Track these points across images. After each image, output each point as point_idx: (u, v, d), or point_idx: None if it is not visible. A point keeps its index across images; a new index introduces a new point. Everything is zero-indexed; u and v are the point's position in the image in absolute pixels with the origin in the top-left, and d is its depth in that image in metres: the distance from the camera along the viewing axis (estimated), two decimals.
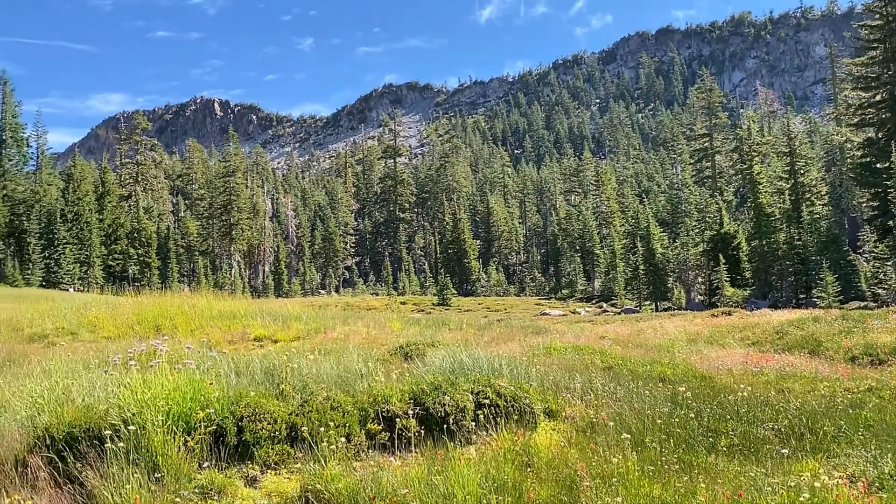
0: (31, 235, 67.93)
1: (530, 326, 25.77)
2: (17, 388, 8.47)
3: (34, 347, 17.09)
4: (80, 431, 6.30)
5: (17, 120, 78.40)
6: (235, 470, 6.18)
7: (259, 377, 7.70)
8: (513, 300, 71.35)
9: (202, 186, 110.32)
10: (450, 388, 7.89)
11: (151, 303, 21.45)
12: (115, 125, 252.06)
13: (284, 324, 20.05)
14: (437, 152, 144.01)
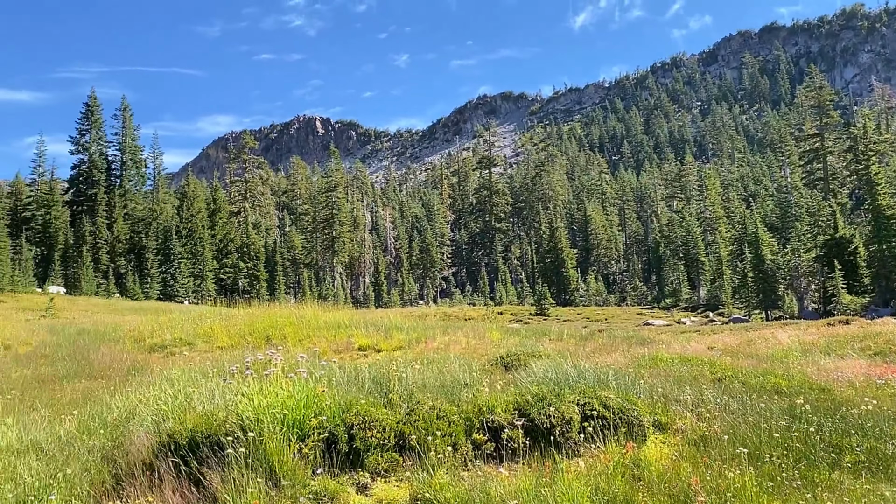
0: (150, 251, 72.29)
1: (633, 337, 25.12)
2: (142, 396, 9.02)
3: (155, 357, 18.10)
4: (201, 437, 6.62)
5: (136, 143, 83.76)
6: (347, 477, 6.33)
7: (368, 386, 7.87)
8: (613, 310, 69.84)
9: (306, 202, 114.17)
10: (555, 399, 7.81)
11: (262, 314, 22.30)
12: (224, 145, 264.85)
13: (386, 334, 20.39)
14: (533, 161, 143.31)
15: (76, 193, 79.81)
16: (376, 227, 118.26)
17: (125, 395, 10.13)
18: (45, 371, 15.69)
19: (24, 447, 7.59)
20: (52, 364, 16.74)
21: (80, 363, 16.59)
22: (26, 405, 11.28)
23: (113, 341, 20.78)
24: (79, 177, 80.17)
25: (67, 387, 13.44)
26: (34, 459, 6.99)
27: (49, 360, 17.38)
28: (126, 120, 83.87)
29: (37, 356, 18.48)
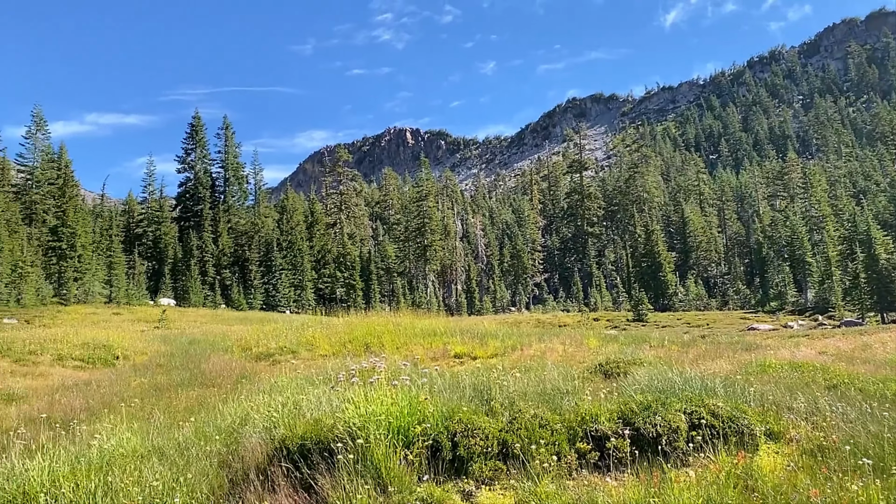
0: (253, 263, 75.23)
1: (738, 342, 24.17)
2: (253, 403, 9.39)
3: (262, 365, 18.81)
4: (311, 443, 6.84)
5: (238, 160, 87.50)
6: (452, 484, 6.39)
7: (468, 394, 7.92)
8: (715, 314, 67.44)
9: (398, 211, 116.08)
10: (660, 407, 7.63)
11: (360, 322, 22.81)
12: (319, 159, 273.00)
13: (482, 341, 20.42)
14: (625, 163, 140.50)
15: (183, 210, 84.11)
16: (467, 235, 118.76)
17: (237, 402, 10.58)
18: (161, 380, 16.59)
19: (148, 452, 8.02)
20: (167, 373, 17.68)
21: (193, 372, 17.44)
22: (146, 412, 11.94)
23: (222, 351, 21.74)
24: (185, 194, 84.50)
25: (182, 394, 14.16)
26: (157, 463, 7.39)
27: (164, 370, 18.37)
28: (228, 138, 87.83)
29: (153, 365, 19.56)
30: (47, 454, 7.97)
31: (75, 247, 59.38)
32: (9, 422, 12.05)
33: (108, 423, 9.49)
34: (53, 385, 16.62)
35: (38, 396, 14.97)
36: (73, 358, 21.09)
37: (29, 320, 41.64)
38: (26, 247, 54.12)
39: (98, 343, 23.07)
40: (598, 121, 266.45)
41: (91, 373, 19.03)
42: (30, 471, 7.45)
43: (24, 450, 8.75)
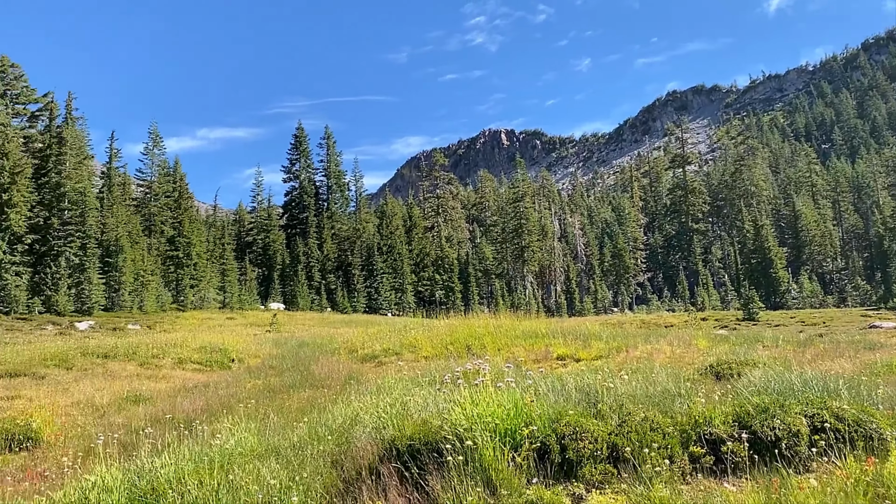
0: (355, 267, 77.14)
1: (860, 341, 22.76)
2: (362, 404, 9.62)
3: (367, 366, 19.25)
4: (419, 444, 6.93)
5: (339, 168, 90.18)
6: (561, 487, 6.33)
7: (575, 396, 7.82)
8: (832, 312, 63.68)
9: (494, 213, 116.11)
10: (778, 410, 7.28)
11: (461, 324, 22.95)
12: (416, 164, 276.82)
13: (585, 342, 20.13)
14: (731, 156, 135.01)
15: (289, 217, 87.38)
16: (565, 235, 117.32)
17: (346, 403, 10.88)
18: (273, 381, 17.26)
19: (265, 451, 8.37)
20: (279, 375, 18.37)
21: (303, 374, 18.06)
22: (261, 413, 12.45)
23: (329, 353, 22.40)
24: (291, 202, 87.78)
25: (294, 395, 14.68)
26: (274, 462, 7.69)
27: (276, 372, 19.10)
28: (330, 147, 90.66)
29: (266, 368, 20.38)
30: (173, 453, 8.47)
31: (191, 255, 62.72)
32: (137, 421, 12.85)
33: (227, 424, 9.97)
34: (175, 387, 17.60)
35: (162, 398, 15.88)
36: (192, 361, 22.26)
37: (150, 326, 44.28)
38: (146, 256, 57.60)
39: (214, 347, 24.26)
40: (700, 113, 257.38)
41: (209, 375, 20.02)
42: (158, 468, 7.93)
43: (152, 448, 9.33)
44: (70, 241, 52.21)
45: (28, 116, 65.16)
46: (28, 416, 13.52)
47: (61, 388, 17.27)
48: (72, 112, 60.00)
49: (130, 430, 11.89)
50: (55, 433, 13.13)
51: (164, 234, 65.92)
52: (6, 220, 49.58)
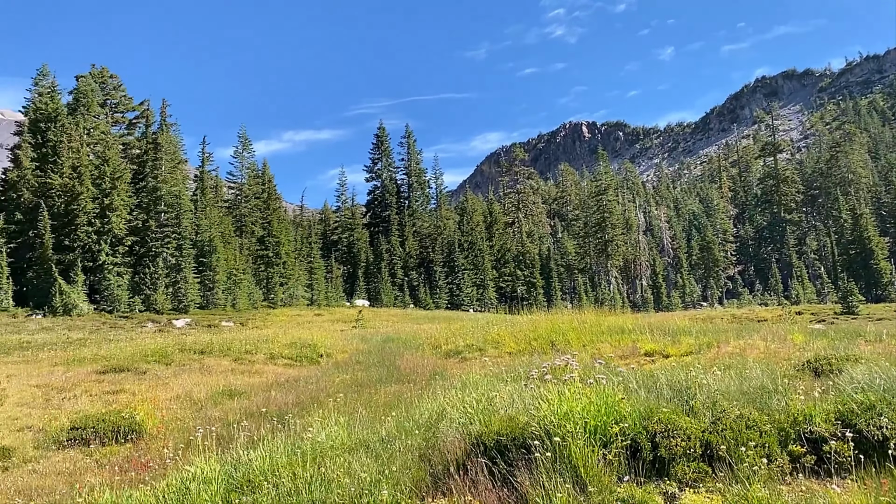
0: (437, 264, 77.72)
1: None
2: (448, 400, 9.68)
3: (451, 362, 19.36)
4: (507, 440, 6.91)
5: (420, 166, 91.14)
6: (653, 486, 6.19)
7: (666, 393, 7.63)
8: None
9: (576, 207, 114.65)
10: (885, 407, 6.89)
11: (544, 320, 22.77)
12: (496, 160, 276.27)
13: (673, 338, 19.60)
14: (825, 142, 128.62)
15: (372, 216, 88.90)
16: (650, 228, 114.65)
17: (431, 398, 10.97)
18: (360, 376, 17.60)
19: (354, 445, 8.53)
20: (365, 370, 18.72)
21: (389, 369, 18.34)
22: (349, 407, 12.71)
23: (414, 348, 22.65)
24: (373, 201, 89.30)
25: (381, 390, 14.92)
26: (364, 456, 7.83)
27: (363, 367, 19.46)
28: (410, 146, 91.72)
29: (352, 363, 20.80)
30: (267, 446, 8.75)
31: (280, 254, 64.69)
32: (232, 415, 13.35)
33: (318, 417, 10.23)
34: (267, 381, 18.19)
35: (255, 392, 16.44)
36: (282, 356, 22.95)
37: (243, 323, 45.92)
38: (238, 256, 59.75)
39: (304, 343, 24.94)
40: (791, 99, 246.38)
41: (299, 370, 20.60)
42: (253, 461, 8.21)
43: (248, 441, 9.67)
44: (167, 242, 54.71)
45: (126, 124, 68.73)
46: (132, 410, 14.26)
47: (161, 383, 18.13)
48: (166, 119, 62.83)
49: (226, 423, 12.35)
50: (157, 426, 13.78)
51: (254, 235, 68.23)
52: (108, 223, 52.43)
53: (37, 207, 51.47)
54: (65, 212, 52.28)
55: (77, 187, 52.44)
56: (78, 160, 54.05)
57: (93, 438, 13.12)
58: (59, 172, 53.65)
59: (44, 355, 23.48)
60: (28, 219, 52.31)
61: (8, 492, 10.22)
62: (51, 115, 58.02)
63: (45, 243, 49.18)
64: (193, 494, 7.54)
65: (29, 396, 16.77)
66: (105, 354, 22.65)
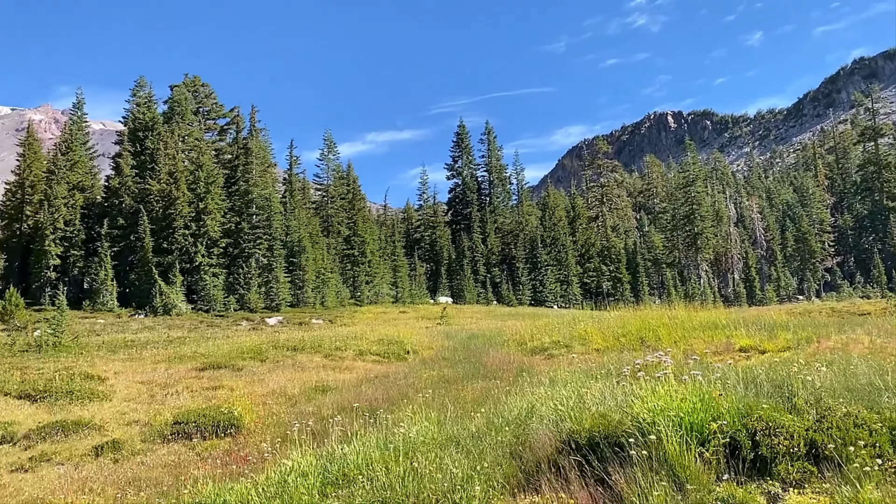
0: (519, 260, 77.41)
1: None
2: (538, 396, 9.64)
3: (537, 359, 19.25)
4: (599, 437, 6.83)
5: (500, 163, 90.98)
6: (754, 485, 5.99)
7: (765, 389, 7.37)
8: None
9: (663, 199, 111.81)
10: None
11: (632, 316, 22.34)
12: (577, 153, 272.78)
13: (770, 333, 18.86)
14: None
15: (454, 213, 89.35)
16: (742, 219, 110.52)
17: (520, 394, 10.95)
18: (447, 372, 17.74)
19: (445, 440, 8.61)
20: (452, 366, 18.85)
21: (475, 365, 18.40)
22: (437, 403, 12.83)
23: (499, 345, 22.65)
24: (455, 198, 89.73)
25: (468, 386, 14.99)
26: (455, 452, 7.89)
27: (449, 363, 19.60)
28: (490, 143, 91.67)
29: (439, 359, 20.98)
30: (360, 440, 8.95)
31: (365, 253, 65.91)
32: (325, 410, 13.71)
33: (409, 413, 10.38)
34: (357, 377, 18.58)
35: (346, 387, 16.82)
36: (371, 353, 23.41)
37: (332, 320, 47.04)
38: (326, 255, 61.23)
39: (391, 339, 25.35)
40: (893, 80, 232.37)
41: (387, 366, 20.95)
42: (347, 455, 8.41)
43: (342, 435, 9.91)
44: (258, 243, 56.63)
45: (218, 131, 71.54)
46: (230, 405, 14.85)
47: (257, 379, 18.80)
48: (255, 124, 65.02)
49: (320, 418, 12.69)
50: (254, 420, 14.31)
51: (340, 234, 69.79)
52: (203, 226, 54.70)
53: (137, 212, 54.27)
54: (163, 216, 54.89)
55: (174, 192, 54.96)
56: (174, 166, 56.63)
57: (195, 432, 13.74)
58: (157, 178, 56.36)
59: (147, 353, 24.75)
60: (129, 223, 55.21)
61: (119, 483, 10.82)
62: (148, 124, 61.02)
63: (146, 246, 51.79)
64: (291, 487, 7.78)
65: (135, 392, 17.71)
66: (203, 352, 23.68)
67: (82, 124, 63.66)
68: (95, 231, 54.76)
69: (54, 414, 15.46)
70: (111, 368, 20.53)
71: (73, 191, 56.19)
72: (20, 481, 11.15)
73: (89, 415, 15.25)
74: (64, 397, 16.64)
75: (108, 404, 16.36)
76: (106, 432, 14.17)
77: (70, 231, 54.14)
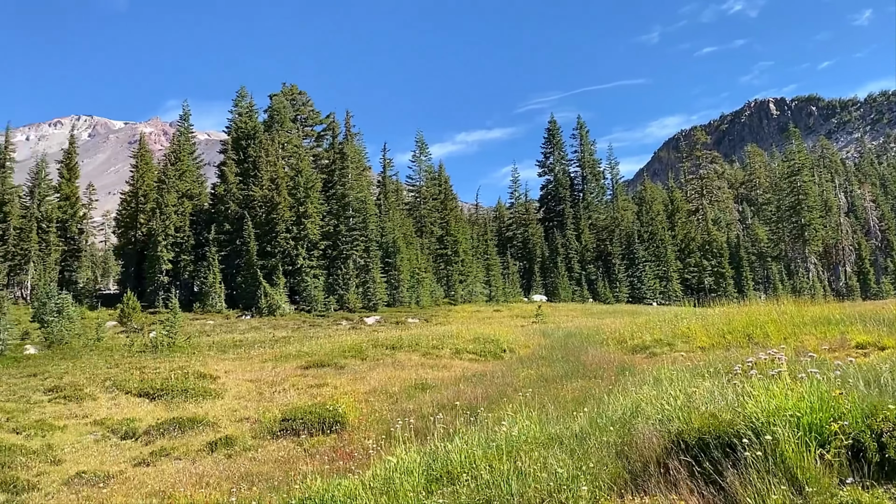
0: (615, 257, 75.93)
1: None
2: (642, 395, 9.44)
3: (638, 357, 18.83)
4: (710, 438, 6.62)
5: (593, 157, 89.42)
6: (881, 490, 5.65)
7: (891, 388, 6.94)
8: None
9: (766, 190, 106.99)
10: None
11: (737, 312, 21.54)
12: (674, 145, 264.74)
13: (889, 328, 17.75)
14: None
15: (546, 210, 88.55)
16: (853, 209, 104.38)
17: (622, 394, 10.75)
18: (545, 371, 17.62)
19: (547, 440, 8.56)
20: (549, 365, 18.71)
21: (573, 364, 18.19)
22: (536, 402, 12.77)
23: (597, 343, 22.29)
24: (547, 195, 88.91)
25: (567, 385, 14.85)
26: (558, 451, 7.83)
27: (546, 362, 19.46)
28: (583, 138, 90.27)
29: (536, 358, 20.87)
30: (462, 438, 9.01)
31: (458, 252, 66.33)
32: (426, 408, 13.89)
33: (509, 411, 10.38)
34: (455, 376, 18.72)
35: (445, 385, 16.98)
36: (467, 351, 23.54)
37: (427, 319, 47.59)
38: (420, 255, 62.01)
39: (487, 338, 25.41)
40: None
41: (484, 365, 21.02)
42: (450, 452, 8.49)
43: (444, 433, 10.01)
44: (356, 245, 57.99)
45: (315, 137, 73.74)
46: (334, 402, 15.27)
47: (358, 377, 19.26)
48: (350, 129, 66.58)
49: (420, 416, 12.87)
50: (357, 418, 14.66)
51: (433, 234, 70.52)
52: (303, 229, 56.52)
53: (242, 218, 56.65)
54: (266, 220, 57.08)
55: (275, 198, 57.04)
56: (275, 172, 58.79)
57: (302, 429, 14.21)
58: (260, 185, 58.65)
59: (254, 353, 25.80)
60: (235, 228, 57.72)
61: (233, 477, 11.32)
62: (250, 133, 63.61)
63: (251, 250, 54.00)
64: (397, 484, 7.92)
65: (244, 390, 18.50)
66: (307, 351, 24.47)
67: (189, 135, 67.00)
68: (203, 236, 57.53)
69: (171, 411, 16.35)
70: (222, 367, 21.52)
71: (182, 198, 59.25)
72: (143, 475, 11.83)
73: (203, 412, 16.03)
74: (179, 395, 17.58)
75: (220, 402, 17.16)
76: (219, 429, 14.85)
77: (180, 237, 57.13)
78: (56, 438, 14.02)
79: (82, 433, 14.63)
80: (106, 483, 11.08)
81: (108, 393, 18.20)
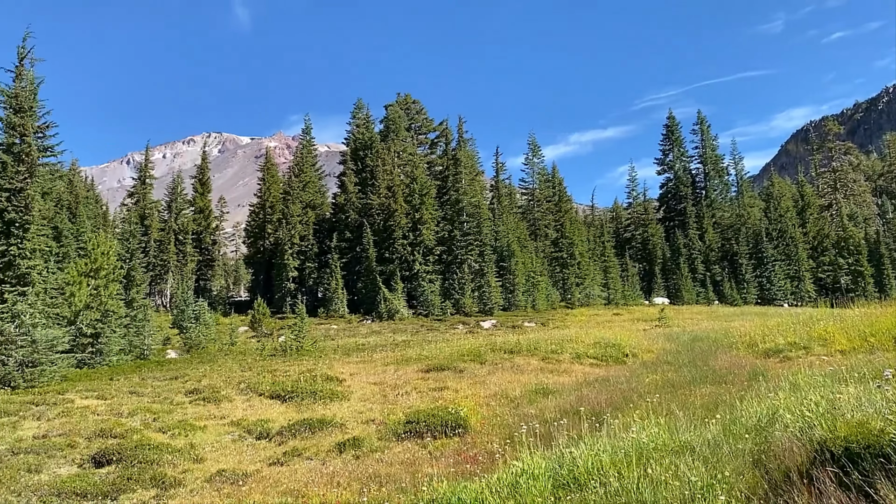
0: (742, 256, 72.55)
1: None
2: (779, 401, 8.97)
3: (771, 362, 17.90)
4: (859, 448, 6.22)
5: (716, 153, 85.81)
6: None
7: None
8: None
9: None
10: None
11: (882, 313, 20.06)
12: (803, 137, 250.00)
13: None
14: None
15: (666, 210, 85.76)
16: None
17: (756, 400, 10.26)
18: (671, 376, 17.06)
19: (678, 447, 8.29)
20: (675, 370, 18.10)
21: (701, 369, 17.52)
22: (663, 407, 12.39)
23: (726, 347, 21.37)
24: (666, 194, 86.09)
25: (696, 391, 14.31)
26: (690, 459, 7.57)
27: (672, 367, 18.84)
28: (704, 133, 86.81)
29: (660, 362, 20.25)
30: (587, 444, 8.88)
31: (574, 255, 65.45)
32: (548, 413, 13.78)
33: (636, 417, 10.13)
34: (576, 380, 18.47)
35: (566, 390, 16.79)
36: (587, 356, 23.16)
37: (544, 323, 47.23)
38: (534, 259, 61.66)
39: (607, 342, 24.91)
40: None
41: (605, 370, 20.61)
42: (576, 458, 8.38)
43: (568, 439, 9.91)
44: (470, 249, 58.43)
45: (428, 144, 74.99)
46: (456, 406, 15.43)
47: (478, 381, 19.37)
48: (463, 135, 67.19)
49: (543, 421, 12.78)
50: (479, 421, 14.74)
51: (547, 237, 69.94)
52: (419, 235, 57.55)
53: (361, 225, 58.44)
54: (383, 227, 58.59)
55: (392, 205, 58.45)
56: (391, 181, 60.25)
57: (425, 432, 14.45)
58: (377, 193, 60.30)
59: (377, 356, 26.50)
60: (355, 236, 59.62)
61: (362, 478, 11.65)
62: (367, 143, 65.53)
63: (370, 256, 55.58)
64: (523, 489, 7.90)
65: (369, 392, 19.03)
66: (427, 354, 24.88)
67: (311, 147, 69.88)
68: (326, 244, 59.80)
69: (301, 412, 17.04)
70: (347, 370, 22.25)
71: (306, 209, 61.84)
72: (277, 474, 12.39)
73: (331, 413, 16.61)
74: (308, 397, 18.31)
75: (347, 403, 17.73)
76: (346, 430, 15.34)
77: (305, 245, 59.65)
78: (197, 438, 14.93)
79: (221, 433, 15.51)
80: (244, 481, 11.69)
81: (242, 395, 19.23)
